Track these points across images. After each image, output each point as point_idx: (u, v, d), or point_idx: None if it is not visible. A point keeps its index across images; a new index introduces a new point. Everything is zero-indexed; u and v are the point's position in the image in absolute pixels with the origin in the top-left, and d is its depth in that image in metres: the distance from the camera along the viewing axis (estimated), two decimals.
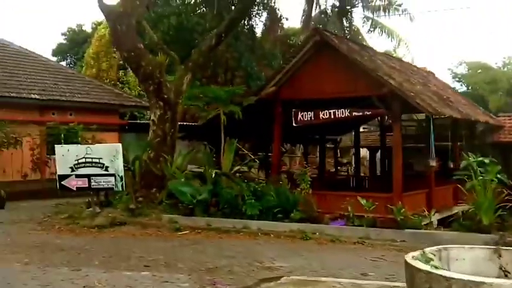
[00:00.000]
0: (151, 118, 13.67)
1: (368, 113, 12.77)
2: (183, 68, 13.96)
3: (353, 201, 11.02)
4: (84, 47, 40.86)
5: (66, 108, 20.83)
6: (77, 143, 19.29)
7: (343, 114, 12.54)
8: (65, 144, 19.90)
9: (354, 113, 12.45)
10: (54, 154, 19.35)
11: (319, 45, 12.60)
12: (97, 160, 11.97)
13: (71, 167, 12.09)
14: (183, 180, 12.08)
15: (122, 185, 11.83)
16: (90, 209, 12.05)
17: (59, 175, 12.21)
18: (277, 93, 13.47)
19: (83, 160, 12.04)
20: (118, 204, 12.88)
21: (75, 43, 42.66)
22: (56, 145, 12.65)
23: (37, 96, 19.74)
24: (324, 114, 12.83)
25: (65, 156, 12.13)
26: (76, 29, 44.59)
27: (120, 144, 11.88)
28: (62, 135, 19.12)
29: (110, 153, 11.89)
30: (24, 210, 14.27)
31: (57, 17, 70.78)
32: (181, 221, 11.30)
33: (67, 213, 12.81)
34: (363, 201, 10.56)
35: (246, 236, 10.37)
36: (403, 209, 10.29)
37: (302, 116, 13.23)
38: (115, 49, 39.75)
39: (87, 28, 44.67)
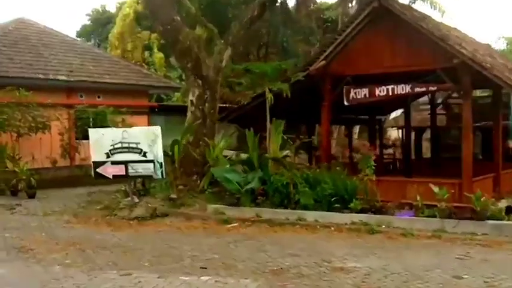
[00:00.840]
0: (190, 98, 12.62)
1: (433, 88, 11.44)
2: (223, 43, 12.80)
3: (418, 188, 9.84)
4: (108, 28, 39.95)
5: (94, 90, 19.97)
6: (107, 127, 18.49)
7: (403, 90, 11.24)
8: (93, 128, 19.27)
9: (416, 89, 11.14)
10: (84, 139, 18.73)
11: (378, 12, 11.23)
12: (134, 145, 11.01)
13: (107, 153, 11.15)
14: (228, 166, 11.06)
15: (162, 172, 10.86)
16: (128, 199, 11.14)
17: (93, 162, 11.30)
18: (326, 68, 12.20)
19: (119, 145, 11.09)
20: (156, 194, 11.97)
21: (99, 24, 41.84)
22: (89, 129, 11.69)
23: (64, 78, 18.89)
24: (380, 91, 11.55)
25: (100, 141, 11.20)
26: (100, 9, 43.68)
27: (159, 127, 10.89)
28: (91, 118, 18.32)
29: (148, 137, 10.90)
30: (56, 200, 13.48)
31: None
32: (228, 212, 10.30)
33: (102, 204, 11.96)
34: (436, 189, 9.35)
35: (303, 229, 9.30)
36: (483, 197, 9.05)
37: (355, 93, 11.97)
38: (151, 19, 39.04)
39: (111, 8, 43.74)
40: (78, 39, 23.82)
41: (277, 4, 23.07)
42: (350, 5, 26.67)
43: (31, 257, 7.27)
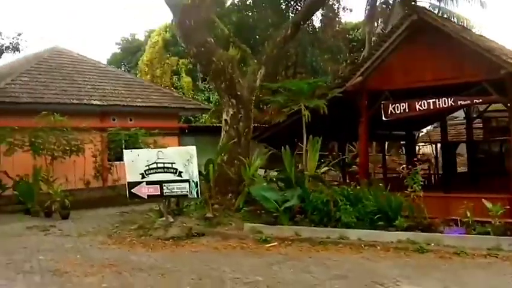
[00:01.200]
0: (224, 118, 12.23)
1: (478, 101, 10.75)
2: (256, 62, 12.45)
3: (467, 204, 9.09)
4: (138, 56, 40.55)
5: (126, 114, 19.89)
6: (139, 148, 18.27)
7: (445, 103, 10.60)
8: (125, 149, 19.10)
9: (459, 102, 10.50)
10: (116, 160, 18.58)
11: (416, 25, 10.72)
12: (169, 165, 10.62)
13: (142, 174, 10.78)
14: (264, 184, 10.55)
15: (197, 192, 10.40)
16: (163, 218, 10.68)
17: (128, 182, 10.94)
18: (363, 84, 11.69)
19: (154, 165, 10.71)
20: (191, 213, 11.51)
21: (128, 52, 42.50)
22: (124, 150, 11.40)
23: (98, 102, 18.88)
24: (421, 105, 10.94)
25: (135, 161, 10.85)
26: (129, 38, 44.47)
27: (194, 147, 10.50)
28: (123, 140, 18.15)
29: (183, 157, 10.51)
30: (89, 220, 13.17)
31: (111, 27, 71.71)
32: (266, 231, 9.73)
33: (136, 223, 11.54)
34: (489, 205, 8.60)
35: (347, 248, 8.65)
36: None
37: (394, 108, 11.40)
38: (183, 44, 39.48)
39: (140, 37, 44.49)
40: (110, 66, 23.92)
41: (305, 25, 22.93)
42: (376, 24, 26.33)
43: (66, 280, 6.85)
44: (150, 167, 10.75)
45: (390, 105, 11.47)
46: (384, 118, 11.59)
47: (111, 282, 6.66)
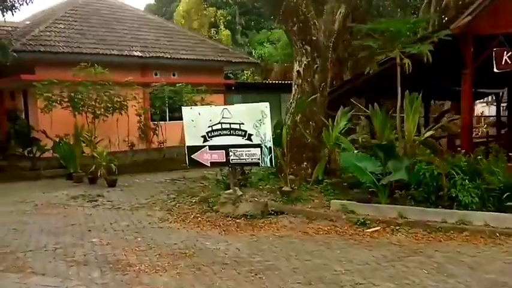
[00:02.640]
0: (295, 69, 10.27)
1: None
2: (334, 0, 10.33)
3: None
4: (173, 6, 38.37)
5: (169, 67, 18.19)
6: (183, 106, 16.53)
7: None
8: (169, 108, 17.48)
9: None
10: (161, 120, 17.01)
11: None
12: (237, 126, 8.84)
13: (203, 136, 9.07)
14: (356, 152, 8.71)
15: (271, 159, 8.63)
16: (229, 191, 9.04)
17: (188, 147, 9.27)
18: (470, 26, 9.48)
19: (219, 126, 8.97)
20: (259, 184, 9.86)
21: (163, 2, 40.37)
22: (183, 107, 9.65)
23: (139, 54, 17.17)
24: None
25: (196, 121, 9.13)
26: None
27: (267, 104, 8.70)
28: (166, 98, 16.49)
29: (253, 117, 8.69)
30: (139, 189, 11.72)
31: None
32: (359, 210, 7.97)
33: (196, 195, 9.99)
34: None
35: (477, 237, 6.79)
36: None
37: (510, 57, 9.24)
38: (205, 4, 37.11)
39: None
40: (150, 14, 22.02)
41: None
42: None
43: (133, 279, 5.29)
44: (214, 128, 9.01)
45: (505, 53, 9.32)
46: (495, 69, 9.46)
47: (192, 283, 5.07)
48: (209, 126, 9.02)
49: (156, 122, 16.43)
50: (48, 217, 8.74)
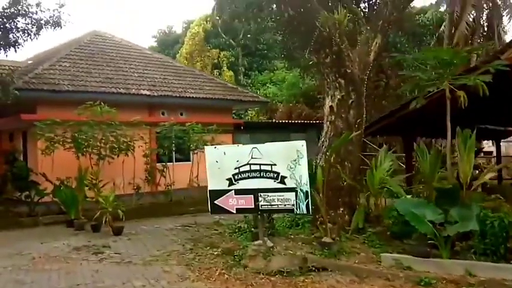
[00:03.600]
0: (328, 104, 9.21)
1: None
2: (369, 29, 9.41)
3: None
4: (175, 48, 38.07)
5: (176, 107, 17.23)
6: (191, 147, 15.47)
7: None
8: (176, 149, 16.31)
9: None
10: (169, 161, 15.81)
11: None
12: (268, 167, 7.69)
13: (229, 179, 7.89)
14: (411, 197, 7.52)
15: (308, 206, 7.43)
16: (258, 242, 7.75)
17: (210, 191, 8.05)
18: None
19: (247, 168, 7.81)
20: (289, 233, 8.59)
21: (166, 45, 40.13)
22: (206, 146, 8.46)
23: (147, 93, 16.19)
24: None
25: (220, 162, 7.96)
26: (166, 30, 42.09)
27: (303, 142, 7.59)
28: (173, 138, 15.40)
29: (287, 156, 7.56)
30: (148, 238, 10.38)
31: (148, 20, 69.67)
32: (417, 266, 6.68)
33: (216, 246, 8.67)
34: None
35: None
36: None
37: None
38: (209, 46, 36.68)
39: (178, 29, 42.08)
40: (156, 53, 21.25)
41: None
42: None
43: None
44: (241, 170, 7.84)
45: None
46: None
47: None
48: (236, 168, 7.86)
49: (164, 163, 15.21)
50: (48, 274, 7.39)
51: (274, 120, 23.33)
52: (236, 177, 7.85)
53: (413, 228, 6.99)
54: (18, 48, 12.79)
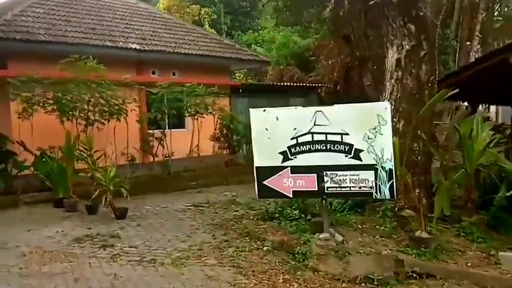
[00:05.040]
0: (393, 57, 7.38)
1: None
2: None
3: None
4: (151, 3, 34.83)
5: (168, 65, 15.01)
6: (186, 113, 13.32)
7: None
8: (170, 114, 13.96)
9: None
10: (160, 128, 13.68)
11: None
12: (338, 137, 5.89)
13: (283, 152, 6.06)
14: None
15: (392, 189, 5.72)
16: (324, 235, 6.00)
17: (257, 168, 6.19)
18: None
19: (308, 138, 5.98)
20: (353, 221, 6.86)
21: None
22: (252, 109, 6.45)
23: (137, 47, 13.87)
24: None
25: (271, 130, 6.09)
26: None
27: (386, 105, 5.80)
28: (165, 100, 13.31)
29: (364, 123, 5.79)
30: (160, 222, 8.47)
31: None
32: None
33: (255, 235, 6.88)
34: None
35: None
36: None
37: None
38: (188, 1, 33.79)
39: None
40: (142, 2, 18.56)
41: None
42: None
43: None
44: (300, 140, 6.02)
45: None
46: None
47: None
48: (293, 138, 6.03)
49: (162, 130, 13.12)
50: (51, 281, 5.42)
51: (273, 83, 21.27)
52: (293, 150, 6.03)
53: None
54: None
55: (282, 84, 20.47)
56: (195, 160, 13.60)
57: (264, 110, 6.22)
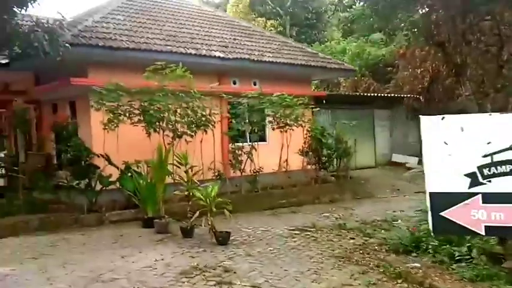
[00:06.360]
0: None
1: None
2: None
3: None
4: None
5: (249, 74, 13.84)
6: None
7: None
8: (252, 126, 12.65)
9: None
10: (238, 142, 12.45)
11: None
12: None
13: (472, 174, 4.55)
14: None
15: None
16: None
17: (432, 194, 4.70)
18: None
19: (509, 155, 4.43)
20: None
21: None
22: (423, 117, 4.99)
23: (220, 55, 12.76)
24: None
25: (453, 144, 4.62)
26: None
27: None
28: (246, 112, 12.09)
29: None
30: (269, 250, 7.14)
31: None
32: None
33: (409, 279, 5.35)
34: None
35: None
36: None
37: None
38: (254, 14, 33.04)
39: None
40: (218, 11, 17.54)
41: None
42: None
43: None
44: (497, 158, 4.49)
45: None
46: None
47: None
48: (486, 156, 4.49)
49: (250, 144, 11.88)
50: None
51: (360, 93, 19.74)
52: (486, 171, 4.51)
53: None
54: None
55: (368, 94, 18.88)
56: (281, 176, 12.27)
57: (443, 118, 4.74)
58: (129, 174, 9.29)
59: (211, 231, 7.44)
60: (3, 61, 11.67)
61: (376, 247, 7.26)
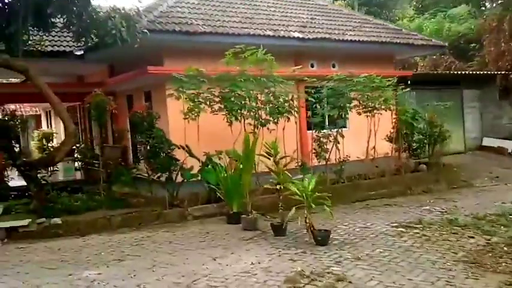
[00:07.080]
0: None
1: None
2: None
3: None
4: None
5: (327, 56, 12.78)
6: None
7: None
8: (333, 111, 11.55)
9: None
10: (317, 129, 11.39)
11: None
12: None
13: None
14: None
15: None
16: None
17: None
18: None
19: None
20: None
21: None
22: None
23: (299, 35, 11.80)
24: None
25: None
26: None
27: None
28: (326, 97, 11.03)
29: None
30: (379, 254, 6.14)
31: None
32: None
33: None
34: None
35: None
36: None
37: None
38: None
39: None
40: None
41: None
42: None
43: None
44: None
45: None
46: None
47: None
48: None
49: (337, 130, 10.86)
50: None
51: (447, 71, 18.08)
52: None
53: None
54: None
55: (456, 73, 17.18)
56: (368, 164, 11.19)
57: None
58: (211, 166, 8.60)
59: (309, 230, 6.56)
60: (78, 52, 11.47)
61: (506, 248, 6.12)
